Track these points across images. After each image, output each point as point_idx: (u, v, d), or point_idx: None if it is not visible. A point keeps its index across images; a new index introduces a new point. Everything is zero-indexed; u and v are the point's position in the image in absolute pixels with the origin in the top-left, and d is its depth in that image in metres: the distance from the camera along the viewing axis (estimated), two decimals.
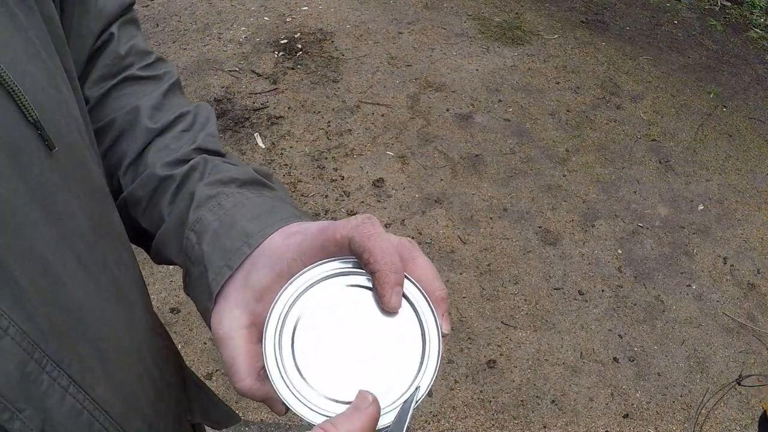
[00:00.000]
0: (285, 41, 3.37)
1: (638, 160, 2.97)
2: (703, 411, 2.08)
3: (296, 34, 3.43)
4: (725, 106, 3.35)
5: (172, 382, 0.61)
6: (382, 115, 3.00)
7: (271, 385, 0.42)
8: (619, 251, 2.56)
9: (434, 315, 0.44)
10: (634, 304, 2.38)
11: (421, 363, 0.43)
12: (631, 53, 3.63)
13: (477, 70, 3.33)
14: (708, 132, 3.18)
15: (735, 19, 4.05)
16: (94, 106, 0.58)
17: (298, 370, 0.43)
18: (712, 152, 3.07)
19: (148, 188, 0.55)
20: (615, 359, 2.20)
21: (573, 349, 2.21)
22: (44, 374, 0.40)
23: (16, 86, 0.38)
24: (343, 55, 3.32)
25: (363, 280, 0.45)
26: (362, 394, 0.40)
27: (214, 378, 2.00)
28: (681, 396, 2.13)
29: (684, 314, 2.37)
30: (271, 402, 0.46)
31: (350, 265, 0.45)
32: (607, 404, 2.08)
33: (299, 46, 3.35)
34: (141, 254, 0.62)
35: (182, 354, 2.07)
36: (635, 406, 2.09)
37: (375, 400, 0.40)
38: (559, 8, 3.95)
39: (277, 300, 0.44)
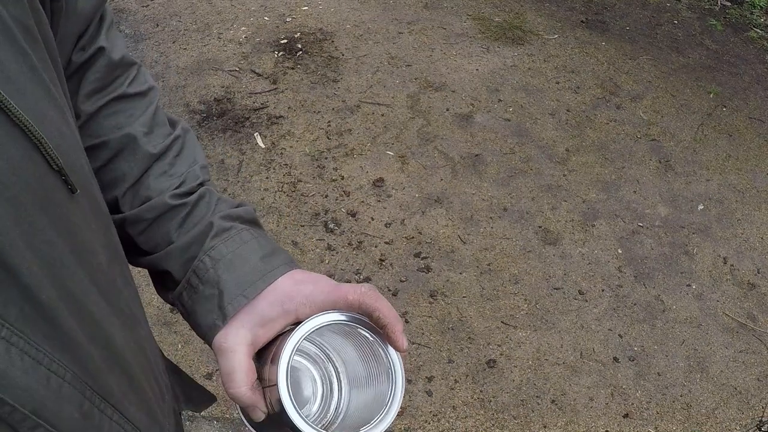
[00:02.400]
0: (285, 41, 3.37)
1: (638, 160, 2.97)
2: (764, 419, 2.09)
3: (296, 34, 3.43)
4: (725, 106, 3.35)
5: (166, 382, 0.64)
6: (382, 115, 3.00)
7: (283, 404, 0.50)
8: (619, 251, 2.56)
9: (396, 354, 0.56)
10: (634, 304, 2.38)
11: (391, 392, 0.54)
12: (631, 53, 3.63)
13: (477, 70, 3.33)
14: (708, 132, 3.18)
15: (735, 19, 4.05)
16: (86, 122, 0.58)
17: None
18: (712, 152, 3.07)
19: (155, 212, 0.60)
20: (615, 359, 2.20)
21: (573, 349, 2.21)
22: (95, 409, 0.43)
23: (42, 137, 0.38)
24: (343, 55, 3.32)
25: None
26: None
27: (214, 378, 2.00)
28: (681, 396, 2.13)
29: (684, 314, 2.37)
30: (252, 409, 0.54)
31: (348, 318, 0.56)
32: (607, 404, 2.08)
33: (299, 46, 3.35)
34: None
35: (182, 354, 2.07)
36: (635, 406, 2.09)
37: None
38: (559, 8, 3.95)
39: (294, 332, 0.53)
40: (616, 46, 3.67)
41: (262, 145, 2.79)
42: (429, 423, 1.96)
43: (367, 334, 0.55)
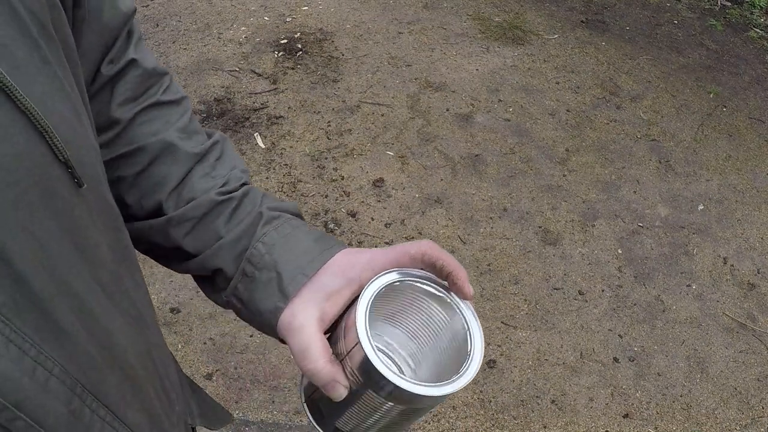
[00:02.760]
0: (285, 41, 3.37)
1: (638, 160, 2.97)
2: None
3: (296, 34, 3.43)
4: (725, 106, 3.35)
5: (178, 392, 0.63)
6: (382, 115, 3.00)
7: (366, 356, 0.49)
8: (619, 251, 2.56)
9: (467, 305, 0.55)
10: (634, 304, 2.38)
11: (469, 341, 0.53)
12: (631, 53, 3.63)
13: (477, 70, 3.33)
14: (708, 132, 3.18)
15: (735, 19, 4.05)
16: (123, 130, 0.59)
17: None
18: (712, 152, 3.07)
19: (201, 210, 0.60)
20: (615, 359, 2.20)
21: (573, 349, 2.21)
22: (85, 407, 0.42)
23: (49, 127, 0.38)
24: (343, 55, 3.32)
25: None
26: None
27: (214, 378, 2.00)
28: (681, 396, 2.13)
29: (684, 314, 2.37)
30: (333, 386, 0.51)
31: (415, 274, 0.55)
32: (607, 404, 2.08)
33: (299, 46, 3.35)
34: (139, 256, 0.63)
35: (182, 354, 2.07)
36: (635, 406, 2.09)
37: None
38: (559, 8, 3.95)
39: (364, 291, 0.52)
40: (616, 46, 3.67)
41: (262, 146, 2.79)
42: (429, 423, 1.96)
43: (433, 289, 0.54)
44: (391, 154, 2.82)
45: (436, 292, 0.55)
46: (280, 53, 3.29)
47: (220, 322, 2.15)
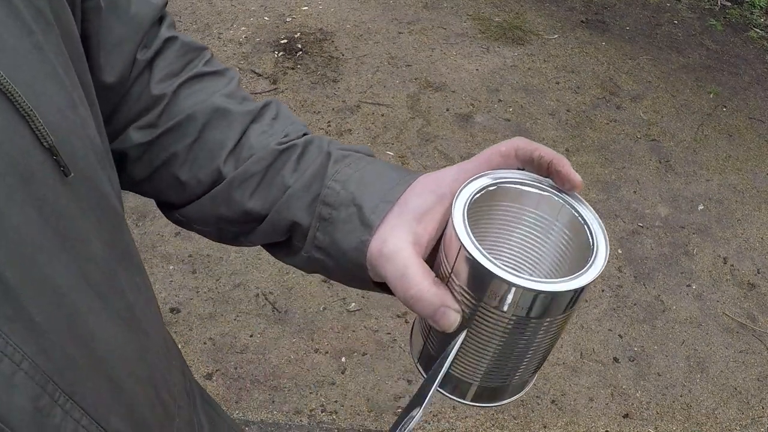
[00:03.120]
0: (285, 41, 3.37)
1: (638, 160, 2.97)
2: None
3: (296, 34, 3.43)
4: (725, 106, 3.35)
5: (182, 404, 0.60)
6: (382, 115, 3.00)
7: (470, 255, 0.41)
8: (619, 251, 2.56)
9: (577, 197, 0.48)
10: (634, 304, 2.38)
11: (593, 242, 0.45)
12: (631, 53, 3.63)
13: (477, 70, 3.33)
14: (708, 132, 3.18)
15: (735, 19, 4.05)
16: (167, 105, 0.57)
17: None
18: (712, 152, 3.07)
19: (264, 163, 0.56)
20: (615, 359, 2.20)
21: (573, 349, 2.21)
22: (57, 407, 0.40)
23: (32, 110, 0.37)
24: (343, 55, 3.32)
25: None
26: None
27: (214, 378, 2.00)
28: (681, 396, 2.13)
29: (684, 314, 2.37)
30: (443, 313, 0.44)
31: (515, 174, 0.48)
32: (607, 404, 2.08)
33: (299, 46, 3.35)
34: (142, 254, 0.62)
35: (182, 354, 2.07)
36: (635, 406, 2.09)
37: None
38: (559, 8, 3.95)
39: (459, 192, 0.45)
40: (616, 46, 3.67)
41: None
42: (429, 423, 1.96)
43: (534, 189, 0.47)
44: (391, 154, 2.82)
45: (540, 192, 0.47)
46: (280, 53, 3.29)
47: (220, 322, 2.15)
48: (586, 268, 0.43)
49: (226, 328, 2.13)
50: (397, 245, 0.47)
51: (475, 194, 0.46)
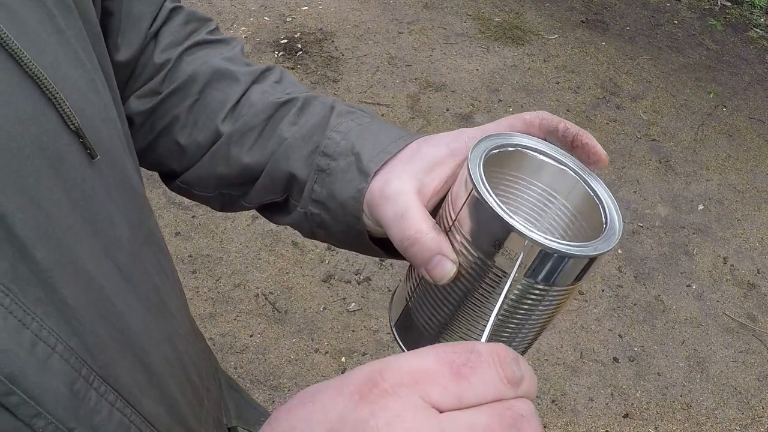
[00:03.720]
0: (285, 41, 3.37)
1: (638, 160, 2.97)
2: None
3: (296, 34, 3.43)
4: (725, 106, 3.35)
5: (210, 388, 0.60)
6: (383, 115, 3.00)
7: (482, 197, 0.37)
8: (619, 251, 2.56)
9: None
10: (634, 304, 2.38)
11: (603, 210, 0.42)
12: (631, 53, 3.63)
13: (477, 70, 3.33)
14: (708, 132, 3.18)
15: (735, 19, 4.05)
16: (170, 70, 0.56)
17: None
18: (712, 152, 3.07)
19: (263, 116, 0.54)
20: (615, 359, 2.20)
21: (573, 349, 2.21)
22: (92, 390, 0.39)
23: (58, 93, 0.37)
24: (343, 55, 3.32)
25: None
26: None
27: None
28: (681, 396, 2.13)
29: (684, 314, 2.37)
30: (439, 261, 0.41)
31: (537, 141, 0.45)
32: (607, 404, 2.08)
33: (299, 46, 3.35)
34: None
35: None
36: (635, 406, 2.09)
37: None
38: (559, 8, 3.95)
39: (476, 144, 0.42)
40: (616, 46, 3.67)
41: None
42: None
43: (552, 160, 0.44)
44: None
45: (558, 165, 0.44)
46: (280, 53, 3.29)
47: (220, 322, 2.15)
48: (600, 239, 0.39)
49: (226, 328, 2.13)
50: (399, 187, 0.45)
51: (493, 150, 0.42)
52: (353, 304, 2.24)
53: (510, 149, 0.43)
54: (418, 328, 0.45)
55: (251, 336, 2.12)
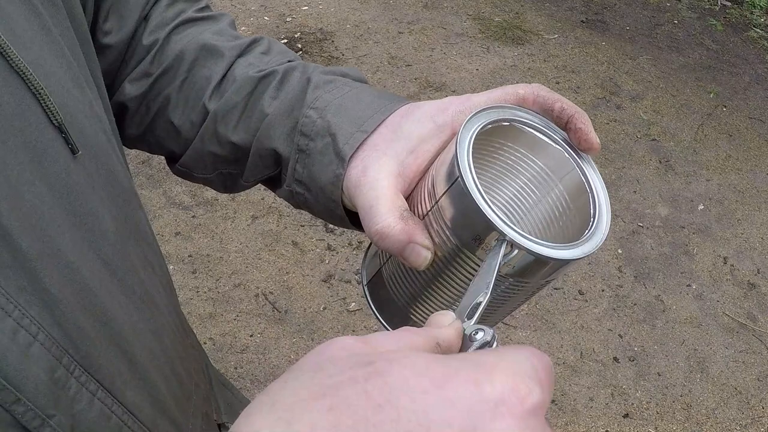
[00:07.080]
0: (285, 41, 3.37)
1: (638, 160, 2.97)
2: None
3: (296, 34, 3.43)
4: (725, 106, 3.35)
5: (199, 383, 0.60)
6: None
7: (467, 189, 0.36)
8: (619, 251, 2.56)
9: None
10: (634, 304, 2.38)
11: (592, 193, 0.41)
12: (631, 53, 3.63)
13: (477, 70, 3.33)
14: (708, 132, 3.18)
15: (735, 19, 4.05)
16: (158, 50, 0.56)
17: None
18: (712, 152, 3.07)
19: (245, 91, 0.53)
20: (615, 359, 2.21)
21: (573, 349, 2.22)
22: (72, 379, 0.40)
23: (42, 88, 0.37)
24: (343, 55, 3.32)
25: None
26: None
27: None
28: (681, 396, 2.13)
29: (684, 314, 2.37)
30: (411, 249, 0.41)
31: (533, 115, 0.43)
32: (607, 404, 2.08)
33: (299, 46, 3.35)
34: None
35: None
36: (635, 406, 2.09)
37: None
38: (559, 8, 3.95)
39: (468, 119, 0.40)
40: (616, 46, 3.67)
41: None
42: None
43: (546, 138, 0.42)
44: None
45: (553, 144, 0.43)
46: None
47: (219, 322, 2.15)
48: (580, 240, 0.38)
49: (226, 328, 2.14)
50: (374, 176, 0.44)
51: (486, 125, 0.40)
52: (353, 304, 2.24)
53: (504, 124, 0.42)
54: (389, 294, 0.44)
55: (251, 336, 2.12)
